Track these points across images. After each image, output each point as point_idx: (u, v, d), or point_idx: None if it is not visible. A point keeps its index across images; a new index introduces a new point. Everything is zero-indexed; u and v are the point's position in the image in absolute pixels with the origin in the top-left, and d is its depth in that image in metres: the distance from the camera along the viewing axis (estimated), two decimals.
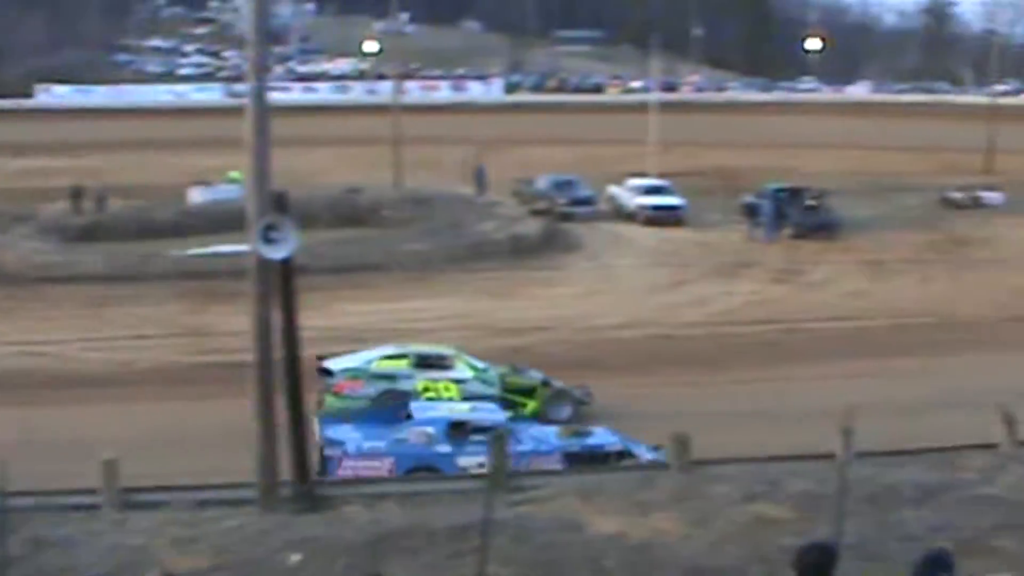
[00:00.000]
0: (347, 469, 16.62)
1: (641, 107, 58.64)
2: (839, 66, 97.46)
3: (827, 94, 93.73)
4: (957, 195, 49.14)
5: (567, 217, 42.95)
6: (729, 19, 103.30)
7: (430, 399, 19.89)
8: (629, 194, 45.27)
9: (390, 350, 21.53)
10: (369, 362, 21.03)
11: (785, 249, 39.50)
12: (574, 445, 17.47)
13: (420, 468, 16.70)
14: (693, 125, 63.35)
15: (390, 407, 18.58)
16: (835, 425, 12.35)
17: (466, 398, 20.07)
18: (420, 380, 20.64)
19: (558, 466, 16.61)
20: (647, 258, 38.50)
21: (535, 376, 21.46)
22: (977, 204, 48.71)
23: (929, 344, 27.30)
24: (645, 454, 17.05)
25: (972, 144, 59.67)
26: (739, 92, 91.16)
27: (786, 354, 26.72)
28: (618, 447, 17.44)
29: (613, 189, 46.53)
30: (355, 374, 20.65)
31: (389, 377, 20.68)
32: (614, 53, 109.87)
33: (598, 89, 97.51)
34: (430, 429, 17.37)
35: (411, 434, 17.34)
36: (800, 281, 35.41)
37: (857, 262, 37.46)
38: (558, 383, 21.31)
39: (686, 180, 48.86)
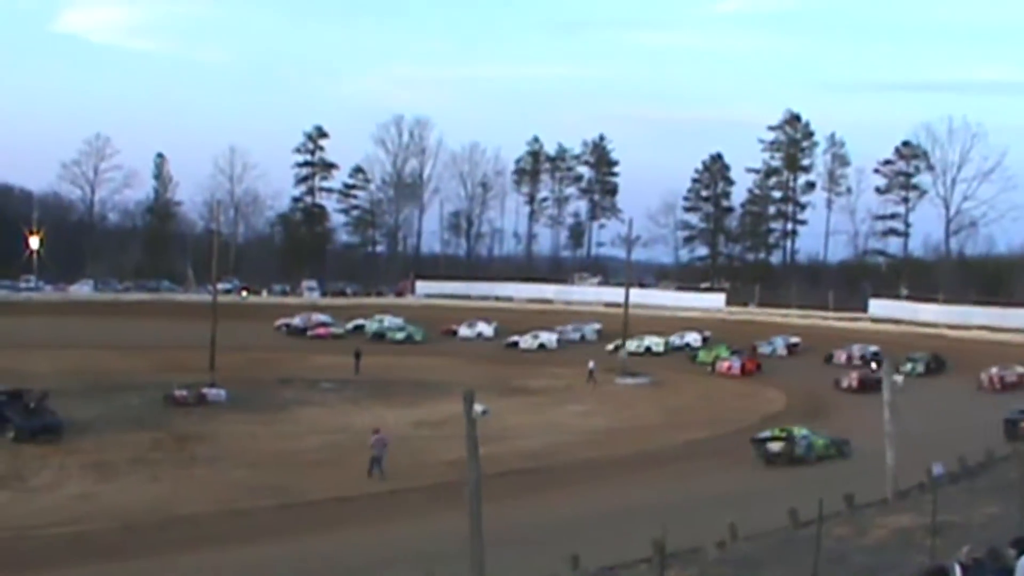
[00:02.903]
0: None
1: None
2: (62, 264, 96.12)
3: (50, 293, 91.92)
4: (182, 393, 50.37)
5: None
6: None
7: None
8: None
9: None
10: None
11: (8, 454, 37.57)
12: None
13: None
14: None
15: None
16: None
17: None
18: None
19: None
20: None
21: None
22: (201, 401, 50.38)
23: (162, 543, 27.28)
24: None
25: (196, 341, 61.89)
26: None
27: (13, 565, 25.02)
28: None
29: None
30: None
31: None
32: None
33: None
34: None
35: None
36: (24, 486, 33.71)
37: (83, 464, 36.63)
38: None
39: None
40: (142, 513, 30.59)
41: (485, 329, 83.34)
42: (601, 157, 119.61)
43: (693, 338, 78.14)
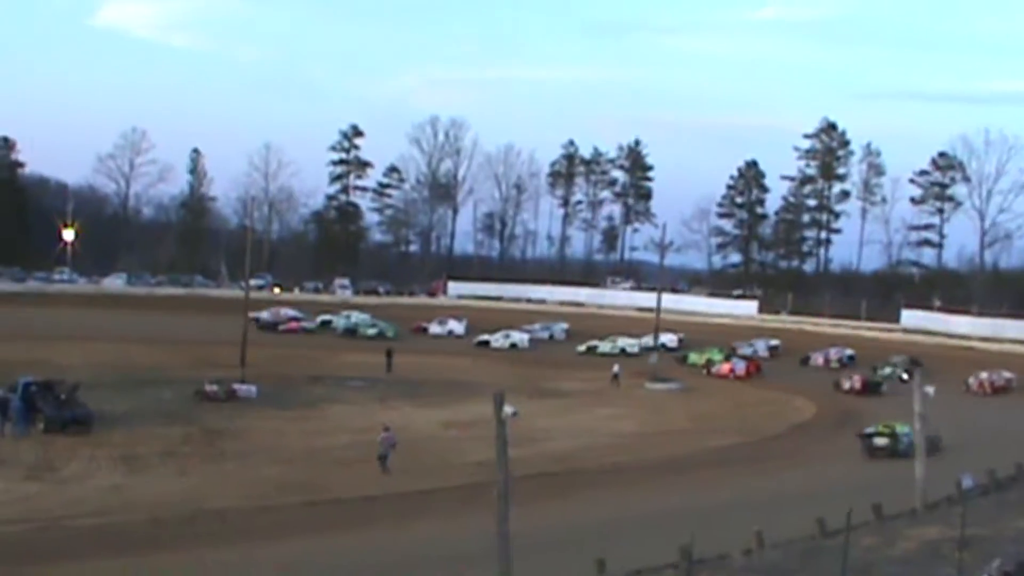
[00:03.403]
0: None
1: None
2: (96, 257, 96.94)
3: (83, 286, 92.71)
4: (212, 388, 50.55)
5: None
6: None
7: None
8: None
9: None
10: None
11: (38, 444, 37.77)
12: None
13: None
14: None
15: None
16: None
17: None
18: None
19: None
20: None
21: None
22: (232, 397, 50.53)
23: (190, 537, 27.34)
24: None
25: (227, 337, 62.09)
26: None
27: (41, 555, 25.10)
28: None
29: None
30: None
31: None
32: None
33: None
34: None
35: None
36: (54, 477, 33.85)
37: (113, 456, 36.77)
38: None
39: None
40: (170, 507, 30.63)
41: (456, 327, 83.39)
42: (636, 161, 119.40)
43: (668, 339, 76.96)
